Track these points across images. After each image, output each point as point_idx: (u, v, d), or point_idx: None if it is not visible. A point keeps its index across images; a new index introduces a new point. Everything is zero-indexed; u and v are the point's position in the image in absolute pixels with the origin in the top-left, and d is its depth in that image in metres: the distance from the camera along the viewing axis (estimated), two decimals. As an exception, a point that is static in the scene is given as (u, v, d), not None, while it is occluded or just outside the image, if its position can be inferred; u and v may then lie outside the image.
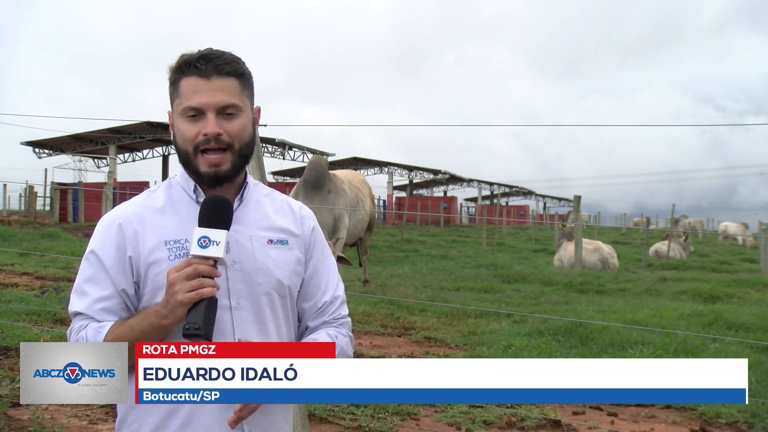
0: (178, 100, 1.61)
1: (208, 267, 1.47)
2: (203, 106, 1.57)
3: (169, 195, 1.67)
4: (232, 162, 1.60)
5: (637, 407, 4.90)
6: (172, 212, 1.64)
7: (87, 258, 1.62)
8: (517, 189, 65.07)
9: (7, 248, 11.85)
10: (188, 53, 1.61)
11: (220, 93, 1.58)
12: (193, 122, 1.58)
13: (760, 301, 10.38)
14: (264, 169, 3.30)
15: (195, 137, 1.58)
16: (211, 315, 1.47)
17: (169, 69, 1.63)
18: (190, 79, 1.58)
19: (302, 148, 37.69)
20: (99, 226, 1.66)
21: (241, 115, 1.61)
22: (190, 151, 1.59)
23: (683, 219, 36.48)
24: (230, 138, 1.59)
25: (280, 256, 1.69)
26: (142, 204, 1.66)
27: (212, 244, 1.48)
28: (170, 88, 1.64)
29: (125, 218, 1.63)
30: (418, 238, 23.77)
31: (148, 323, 1.50)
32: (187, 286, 1.45)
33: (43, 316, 6.70)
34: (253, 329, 1.63)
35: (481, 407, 4.64)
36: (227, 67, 1.59)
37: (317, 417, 4.30)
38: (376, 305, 8.18)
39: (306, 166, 9.57)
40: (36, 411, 4.17)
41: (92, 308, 1.57)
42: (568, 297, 10.34)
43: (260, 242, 1.67)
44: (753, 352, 6.13)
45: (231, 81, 1.60)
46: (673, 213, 25.40)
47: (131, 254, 1.59)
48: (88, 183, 32.53)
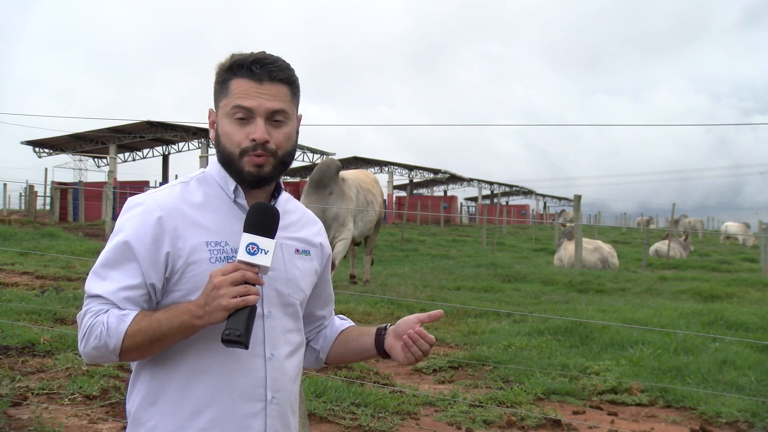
0: (226, 100, 1.58)
1: (254, 275, 1.45)
2: (254, 108, 1.55)
3: (206, 191, 1.63)
4: (273, 166, 1.59)
5: (637, 407, 4.90)
6: (211, 210, 1.61)
7: (117, 243, 1.54)
8: (518, 188, 65.09)
9: (8, 248, 11.86)
10: (240, 54, 1.59)
11: (272, 98, 1.56)
12: (241, 125, 1.56)
13: (760, 300, 10.39)
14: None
15: (242, 141, 1.56)
16: (251, 323, 1.45)
17: (218, 67, 1.61)
18: (242, 81, 1.56)
19: (302, 147, 37.70)
20: (134, 211, 1.58)
21: (289, 123, 1.60)
22: (236, 153, 1.57)
23: (683, 219, 36.49)
24: (275, 146, 1.58)
25: (304, 267, 1.70)
26: (180, 197, 1.61)
27: (260, 252, 1.46)
28: (217, 87, 1.61)
29: (166, 211, 1.56)
30: (418, 238, 23.78)
31: (179, 321, 1.47)
32: (233, 291, 1.42)
33: (43, 315, 6.70)
34: (281, 339, 1.63)
35: (482, 407, 4.64)
36: (281, 73, 1.58)
37: (317, 416, 4.30)
38: (376, 305, 8.18)
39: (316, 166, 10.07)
40: (36, 410, 4.17)
41: (116, 295, 1.51)
42: (568, 296, 10.34)
43: (289, 251, 1.67)
44: (753, 352, 6.13)
45: (282, 88, 1.58)
46: (673, 213, 25.39)
47: (169, 250, 1.54)
48: (89, 182, 32.55)
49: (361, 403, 4.56)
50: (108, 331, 1.49)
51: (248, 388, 1.56)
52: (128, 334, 1.48)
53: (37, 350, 5.54)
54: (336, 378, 5.00)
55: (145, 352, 1.52)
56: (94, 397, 4.51)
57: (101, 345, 1.49)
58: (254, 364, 1.57)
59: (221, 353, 1.54)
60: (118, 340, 1.48)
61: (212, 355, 1.54)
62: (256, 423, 1.57)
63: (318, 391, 4.67)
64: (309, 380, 4.81)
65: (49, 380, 4.77)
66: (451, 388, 5.17)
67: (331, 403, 4.53)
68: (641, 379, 5.35)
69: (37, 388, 4.58)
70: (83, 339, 1.52)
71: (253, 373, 1.57)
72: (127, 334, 1.48)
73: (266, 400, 1.58)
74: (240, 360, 1.56)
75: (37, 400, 4.40)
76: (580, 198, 14.77)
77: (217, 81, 1.62)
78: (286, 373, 1.63)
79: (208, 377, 1.54)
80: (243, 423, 1.55)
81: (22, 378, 4.80)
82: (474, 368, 5.78)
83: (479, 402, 4.75)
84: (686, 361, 5.78)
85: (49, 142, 34.03)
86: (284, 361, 1.62)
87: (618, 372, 5.49)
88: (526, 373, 5.42)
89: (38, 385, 4.64)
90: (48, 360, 5.29)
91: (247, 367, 1.56)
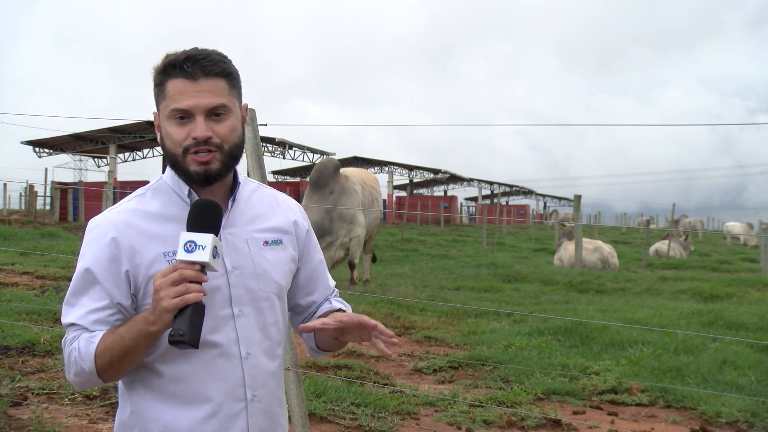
0: (164, 103, 1.56)
1: (194, 272, 1.43)
2: (191, 108, 1.53)
3: (162, 201, 1.62)
4: (221, 161, 1.56)
5: (637, 407, 4.90)
6: (167, 219, 1.59)
7: (79, 272, 1.57)
8: (518, 188, 65.10)
9: (8, 247, 11.86)
10: (173, 53, 1.57)
11: (208, 95, 1.54)
12: (182, 125, 1.54)
13: (760, 300, 10.38)
14: (264, 168, 3.30)
15: (184, 140, 1.54)
16: (197, 321, 1.43)
17: (153, 70, 1.59)
18: (177, 81, 1.54)
19: (302, 147, 37.69)
20: (90, 235, 1.59)
21: (231, 116, 1.58)
22: (179, 153, 1.55)
23: (683, 218, 36.50)
24: (220, 140, 1.55)
25: (276, 258, 1.68)
26: (134, 212, 1.60)
27: (198, 248, 1.43)
28: (155, 90, 1.59)
29: (119, 230, 1.57)
30: (419, 238, 23.78)
31: (137, 330, 1.47)
32: (173, 291, 1.41)
33: (43, 315, 6.71)
34: (257, 335, 1.62)
35: (482, 407, 4.64)
36: (215, 67, 1.55)
37: (317, 416, 4.29)
38: (377, 305, 8.17)
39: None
40: (36, 410, 4.17)
41: (86, 319, 1.54)
42: (568, 296, 10.34)
43: (257, 245, 1.65)
44: (753, 352, 6.12)
45: (219, 82, 1.56)
46: (673, 213, 25.39)
47: (128, 268, 1.55)
48: (89, 182, 32.55)
49: (361, 403, 4.56)
50: (80, 355, 1.51)
51: (227, 390, 1.56)
52: (98, 354, 1.50)
53: (37, 350, 5.54)
54: (336, 378, 5.00)
55: (121, 369, 1.53)
56: (94, 397, 4.51)
57: (79, 370, 1.53)
58: (230, 366, 1.57)
59: (196, 360, 1.55)
60: (91, 361, 1.50)
61: (187, 362, 1.55)
62: (238, 423, 1.57)
63: (318, 391, 4.67)
64: (309, 380, 4.81)
65: (49, 380, 4.77)
66: (451, 388, 5.17)
67: (331, 403, 4.53)
68: (641, 379, 5.35)
69: (37, 388, 4.59)
70: (66, 368, 1.57)
71: (230, 375, 1.57)
72: (97, 354, 1.50)
73: (247, 399, 1.58)
74: (215, 364, 1.56)
75: (37, 400, 4.40)
76: (580, 198, 14.78)
77: (154, 83, 1.60)
78: (266, 370, 1.62)
79: (186, 384, 1.55)
80: (224, 425, 1.56)
81: (22, 378, 4.80)
82: (474, 368, 5.78)
83: (479, 402, 4.75)
84: (686, 361, 5.78)
85: (49, 142, 34.02)
86: (262, 358, 1.62)
87: (618, 372, 5.49)
88: (526, 373, 5.42)
89: (38, 385, 4.65)
90: (48, 360, 5.29)
91: (223, 369, 1.56)
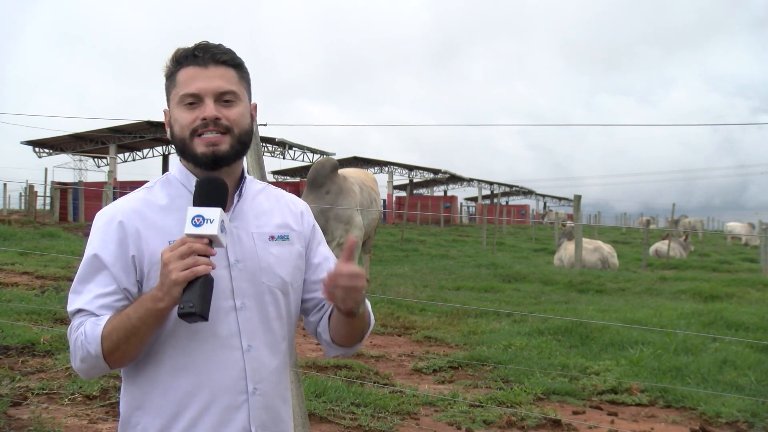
0: (174, 91, 1.58)
1: (203, 245, 1.42)
2: (201, 92, 1.54)
3: (170, 192, 1.63)
4: (230, 144, 1.56)
5: (637, 407, 4.90)
6: (175, 210, 1.59)
7: (87, 258, 1.57)
8: (518, 188, 65.11)
9: (8, 247, 11.86)
10: (183, 47, 1.60)
11: (219, 80, 1.56)
12: (191, 110, 1.55)
13: (760, 300, 10.38)
14: (264, 168, 3.30)
15: (192, 122, 1.55)
16: (207, 293, 1.42)
17: (165, 65, 1.61)
18: (188, 68, 1.56)
19: (302, 147, 37.68)
20: (97, 222, 1.60)
21: (240, 103, 1.59)
22: (187, 136, 1.56)
23: (683, 219, 36.48)
24: (229, 122, 1.56)
25: (282, 253, 1.67)
26: (142, 200, 1.61)
27: (206, 222, 1.43)
28: (166, 83, 1.61)
29: (126, 215, 1.57)
30: (418, 238, 23.77)
31: (144, 308, 1.46)
32: (181, 264, 1.40)
33: (43, 315, 6.71)
34: (259, 329, 1.61)
35: (482, 407, 4.64)
36: (224, 56, 1.58)
37: (317, 416, 4.29)
38: (376, 305, 8.18)
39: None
40: (36, 410, 4.17)
41: (92, 304, 1.53)
42: (568, 296, 10.34)
43: (262, 239, 1.64)
44: (753, 352, 6.12)
45: (229, 70, 1.58)
46: (673, 213, 25.39)
47: (134, 253, 1.55)
48: (89, 182, 32.53)
49: (361, 403, 4.56)
50: (87, 338, 1.50)
51: (229, 381, 1.56)
52: (104, 336, 1.48)
53: (37, 350, 5.54)
54: (336, 378, 5.00)
55: (127, 352, 1.51)
56: (94, 397, 4.51)
57: (85, 354, 1.51)
58: (232, 357, 1.56)
59: (198, 350, 1.54)
60: (97, 343, 1.49)
61: (188, 353, 1.55)
62: (239, 415, 1.57)
63: (318, 391, 4.67)
64: (309, 380, 4.81)
65: (49, 380, 4.77)
66: (451, 388, 5.17)
67: (331, 403, 4.53)
68: (641, 379, 5.35)
69: (37, 388, 4.59)
70: (72, 354, 1.55)
71: (231, 366, 1.56)
72: (103, 336, 1.49)
73: (248, 392, 1.57)
74: (217, 354, 1.56)
75: (37, 400, 4.40)
76: (580, 198, 14.77)
77: (165, 77, 1.62)
78: (268, 364, 1.61)
79: (187, 375, 1.55)
80: (226, 417, 1.56)
81: (22, 378, 4.80)
82: (474, 368, 5.78)
83: (479, 402, 4.75)
84: (686, 361, 5.78)
85: (49, 142, 34.01)
86: (265, 352, 1.61)
87: (618, 372, 5.49)
88: (526, 373, 5.42)
89: (38, 385, 4.65)
90: (48, 360, 5.29)
91: (225, 360, 1.56)
